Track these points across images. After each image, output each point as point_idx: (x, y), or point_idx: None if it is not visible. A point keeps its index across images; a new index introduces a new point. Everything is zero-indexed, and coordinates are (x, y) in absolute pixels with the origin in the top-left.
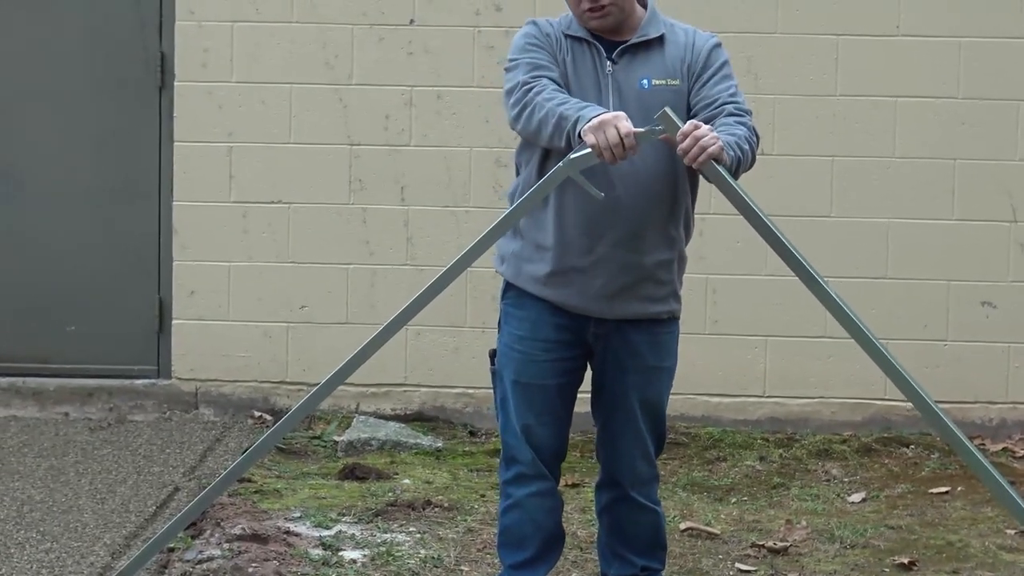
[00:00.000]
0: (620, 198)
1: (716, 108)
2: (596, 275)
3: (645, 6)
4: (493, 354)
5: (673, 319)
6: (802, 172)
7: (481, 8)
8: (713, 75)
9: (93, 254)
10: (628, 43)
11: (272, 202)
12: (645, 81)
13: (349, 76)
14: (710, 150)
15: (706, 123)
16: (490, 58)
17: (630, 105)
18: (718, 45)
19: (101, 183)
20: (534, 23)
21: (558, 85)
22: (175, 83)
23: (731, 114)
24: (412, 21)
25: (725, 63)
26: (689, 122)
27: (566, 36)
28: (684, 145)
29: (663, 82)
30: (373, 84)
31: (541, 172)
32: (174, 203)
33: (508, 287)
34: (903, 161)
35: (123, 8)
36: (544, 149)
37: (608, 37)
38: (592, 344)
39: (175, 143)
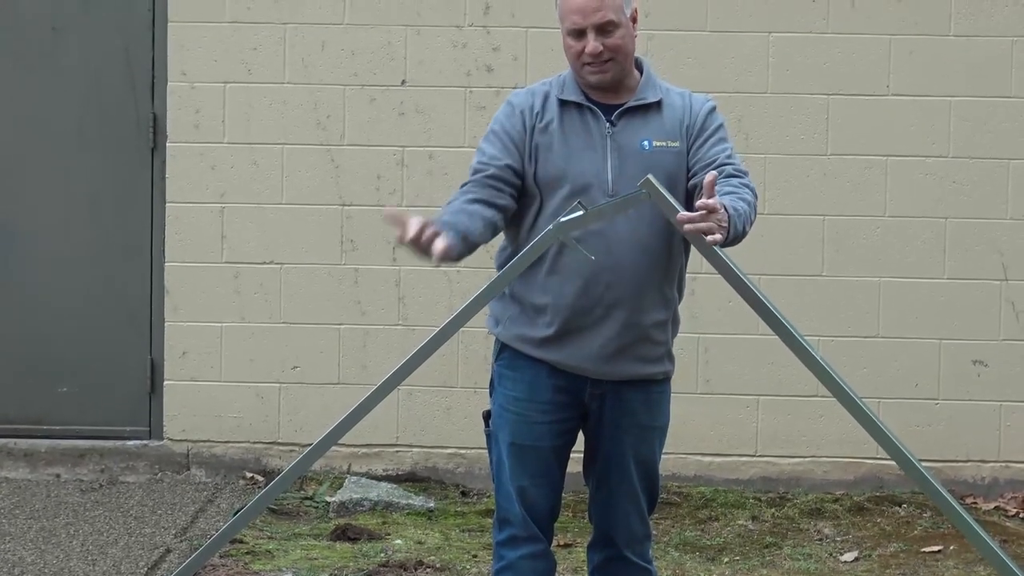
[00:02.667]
0: (617, 259)
1: (715, 168)
2: (593, 336)
3: (641, 70)
4: (487, 415)
5: (667, 379)
6: (793, 231)
7: (472, 69)
8: (710, 136)
9: (85, 314)
10: (627, 106)
11: (264, 262)
12: (646, 143)
13: (341, 136)
14: (715, 237)
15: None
16: (481, 118)
17: (631, 166)
18: (714, 108)
19: (93, 244)
20: (509, 102)
21: (499, 180)
22: (167, 144)
23: (732, 175)
24: (403, 82)
25: (721, 126)
26: (711, 201)
27: (560, 101)
28: (692, 216)
29: (663, 144)
30: (365, 144)
31: (531, 234)
32: (166, 264)
33: (503, 348)
34: (894, 220)
35: (115, 69)
36: (534, 212)
37: (605, 100)
38: (588, 404)
39: (167, 204)
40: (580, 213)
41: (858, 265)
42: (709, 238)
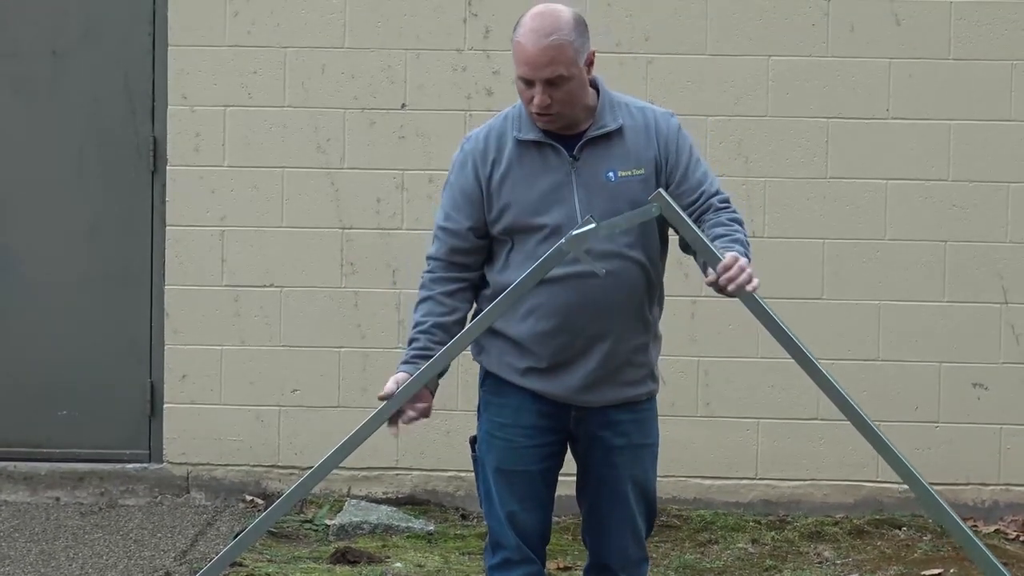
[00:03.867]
0: (594, 294)
1: (702, 202)
2: (576, 369)
3: (597, 90)
4: (474, 441)
5: (651, 398)
6: (793, 254)
7: (472, 92)
8: (688, 162)
9: (84, 338)
10: (588, 137)
11: (264, 285)
12: (611, 174)
13: (341, 160)
14: (755, 283)
15: (692, 215)
16: None
17: (599, 199)
18: (680, 126)
19: (93, 267)
20: (462, 148)
21: (464, 253)
22: (167, 167)
23: (719, 209)
24: (403, 105)
25: (692, 145)
26: (731, 255)
27: (517, 141)
28: (731, 275)
29: (628, 173)
30: (365, 168)
31: (504, 272)
32: (166, 287)
33: (487, 375)
34: (894, 243)
35: (115, 93)
36: (506, 252)
37: (563, 132)
38: (574, 429)
39: (167, 227)
40: (592, 226)
41: (858, 288)
42: (750, 287)
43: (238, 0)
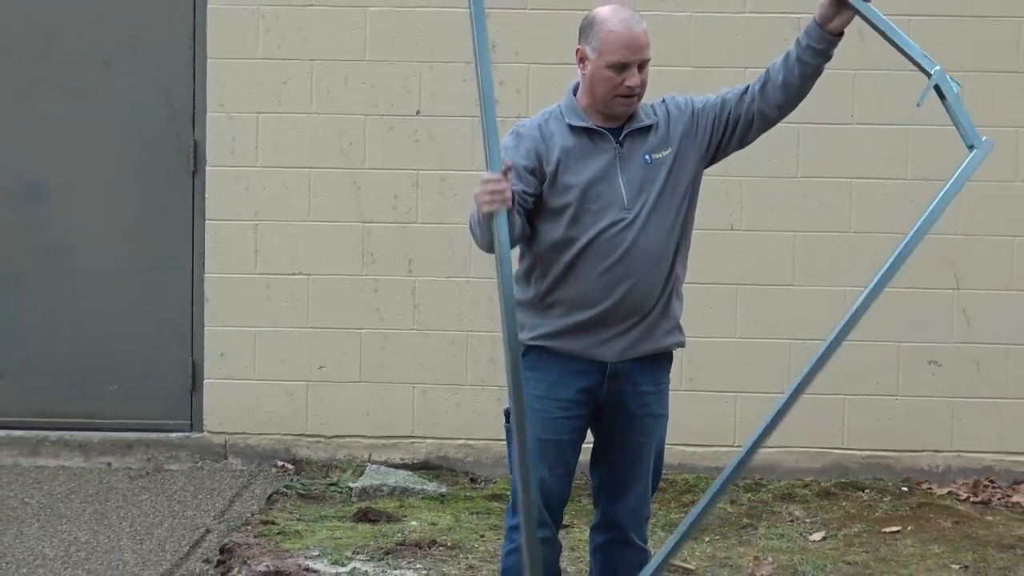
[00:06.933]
0: (637, 254)
1: (728, 94)
2: (612, 325)
3: None
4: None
5: (672, 355)
6: (767, 246)
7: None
8: (700, 102)
9: (133, 322)
10: (632, 128)
11: (293, 274)
12: (647, 157)
13: (362, 161)
14: None
15: (736, 104)
16: None
17: (636, 177)
18: (675, 95)
19: (140, 258)
20: (516, 134)
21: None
22: (207, 168)
23: (741, 85)
24: (418, 112)
25: (690, 96)
26: None
27: (571, 127)
28: None
29: (660, 155)
30: (383, 168)
31: (554, 241)
32: (206, 275)
33: (526, 351)
34: (857, 235)
35: (158, 101)
36: (567, 211)
37: (607, 125)
38: (605, 399)
39: (207, 221)
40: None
41: (826, 275)
42: None
43: (269, 17)
